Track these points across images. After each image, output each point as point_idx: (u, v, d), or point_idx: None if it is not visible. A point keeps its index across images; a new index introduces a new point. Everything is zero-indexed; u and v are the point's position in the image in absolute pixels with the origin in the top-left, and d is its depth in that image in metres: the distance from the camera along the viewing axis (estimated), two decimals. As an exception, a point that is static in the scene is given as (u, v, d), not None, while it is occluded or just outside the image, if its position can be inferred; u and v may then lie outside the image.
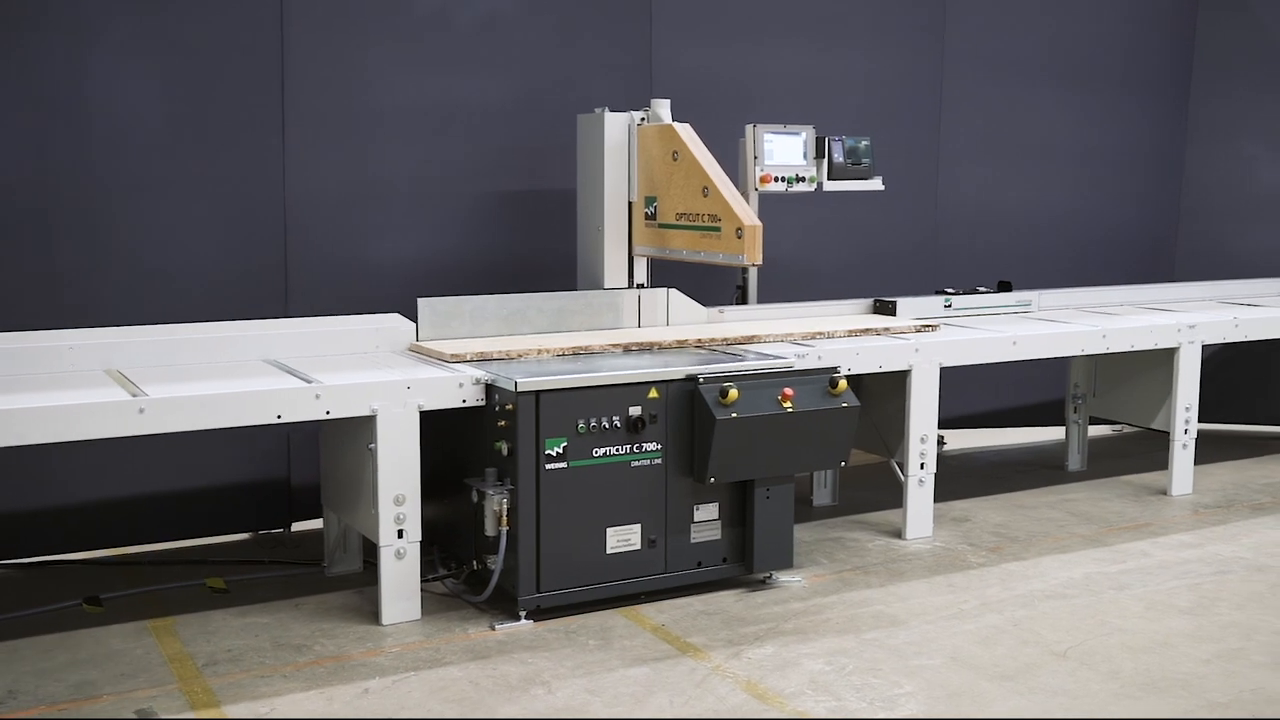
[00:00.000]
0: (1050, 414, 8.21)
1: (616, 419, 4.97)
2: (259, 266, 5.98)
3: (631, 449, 5.02)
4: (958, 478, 7.39)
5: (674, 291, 6.19)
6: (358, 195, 6.20)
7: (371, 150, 6.21)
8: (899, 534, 6.11)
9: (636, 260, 6.16)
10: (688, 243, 5.73)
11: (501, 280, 6.37)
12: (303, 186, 6.03)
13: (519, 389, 4.78)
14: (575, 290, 6.16)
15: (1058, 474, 7.51)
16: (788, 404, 5.14)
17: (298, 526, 6.22)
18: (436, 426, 5.08)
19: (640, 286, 6.16)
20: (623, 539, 5.06)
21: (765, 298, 6.82)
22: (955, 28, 7.81)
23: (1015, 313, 7.16)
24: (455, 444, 5.21)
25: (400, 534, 4.87)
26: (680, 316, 6.20)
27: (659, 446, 5.07)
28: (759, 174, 6.19)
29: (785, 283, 7.34)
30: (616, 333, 5.86)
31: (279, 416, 4.63)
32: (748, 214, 5.40)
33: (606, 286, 6.09)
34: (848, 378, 5.32)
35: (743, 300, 6.71)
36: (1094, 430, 8.38)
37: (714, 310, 6.33)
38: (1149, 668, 4.54)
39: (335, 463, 5.37)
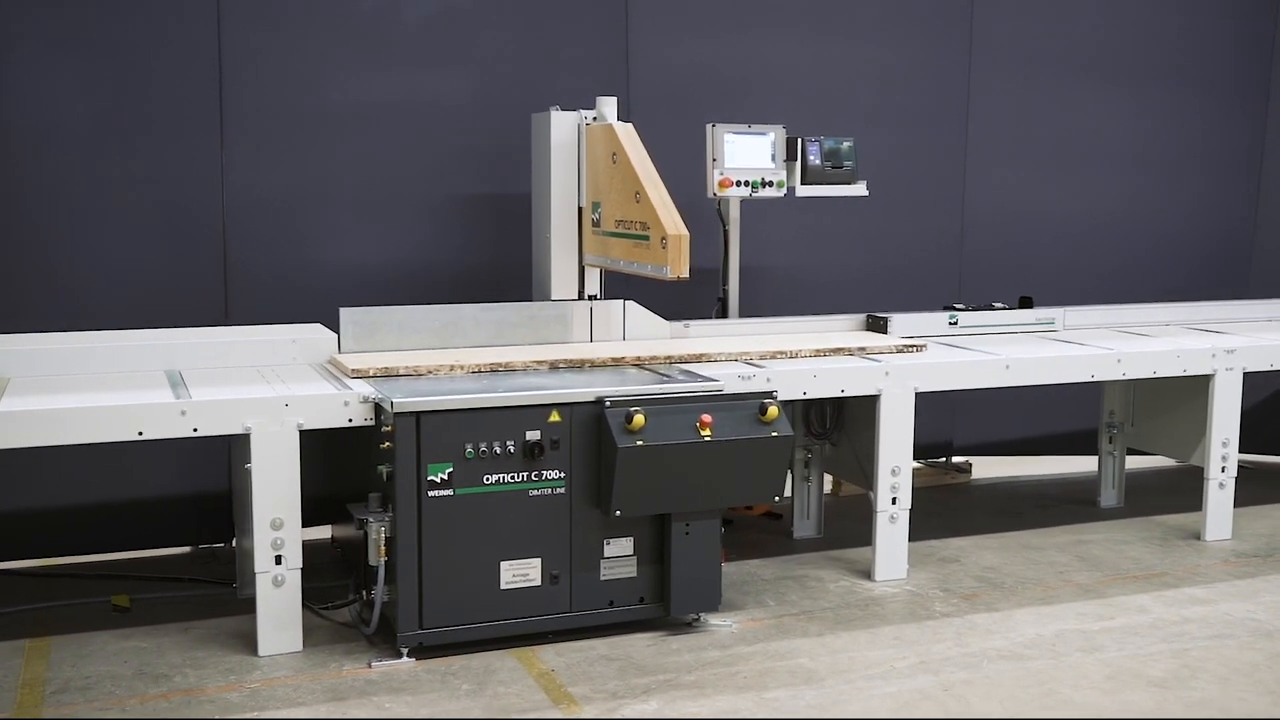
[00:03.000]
0: (1093, 442, 7.45)
1: (511, 443, 4.56)
2: (196, 273, 5.75)
3: (529, 476, 4.61)
4: (970, 511, 6.73)
5: (631, 304, 5.74)
6: (304, 199, 5.93)
7: (318, 151, 5.92)
8: (870, 574, 5.53)
9: (589, 270, 5.72)
10: (624, 252, 5.27)
11: (458, 289, 6.03)
12: (243, 189, 5.79)
13: (395, 409, 4.42)
14: (529, 301, 5.79)
15: (1086, 510, 6.76)
16: (706, 432, 4.65)
17: (239, 542, 5.99)
18: (348, 445, 4.79)
19: (592, 298, 5.73)
20: (520, 574, 4.66)
21: (757, 311, 6.32)
22: (984, 15, 7.10)
23: (1033, 332, 6.47)
24: (361, 465, 4.89)
25: (279, 560, 4.57)
26: (639, 331, 5.75)
27: (562, 475, 4.65)
28: (718, 178, 5.69)
29: (788, 294, 6.81)
30: (551, 348, 5.44)
31: (140, 434, 4.38)
32: (673, 222, 4.92)
33: (554, 298, 5.68)
34: (797, 402, 4.81)
35: (723, 313, 6.22)
36: (1153, 462, 7.61)
37: (679, 325, 5.85)
38: (1077, 752, 3.92)
39: (236, 481, 5.11)
